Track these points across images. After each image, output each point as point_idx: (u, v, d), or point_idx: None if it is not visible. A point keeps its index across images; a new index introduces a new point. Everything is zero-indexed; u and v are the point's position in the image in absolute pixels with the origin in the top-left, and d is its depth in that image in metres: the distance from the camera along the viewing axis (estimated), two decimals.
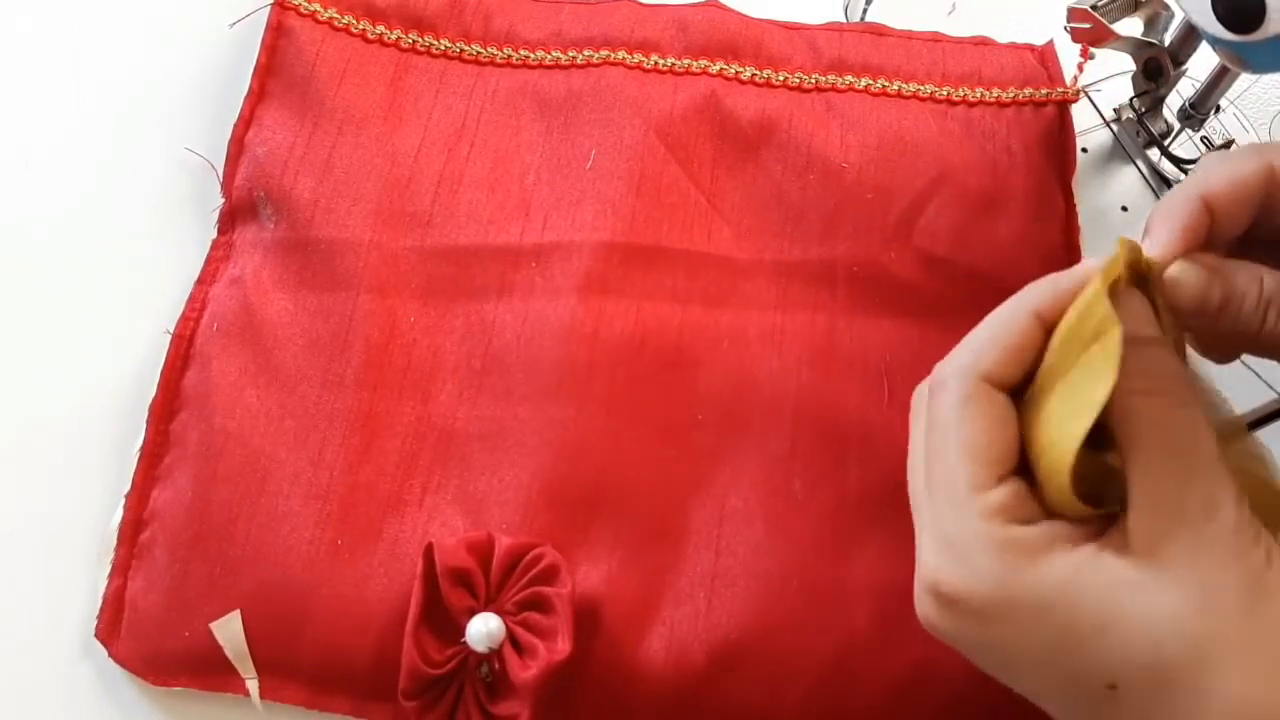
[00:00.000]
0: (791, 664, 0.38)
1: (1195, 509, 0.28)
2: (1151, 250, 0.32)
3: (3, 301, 0.45)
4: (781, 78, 0.47)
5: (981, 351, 0.31)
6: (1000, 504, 0.30)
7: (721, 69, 0.47)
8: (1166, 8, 0.45)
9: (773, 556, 0.39)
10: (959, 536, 0.29)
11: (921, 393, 0.33)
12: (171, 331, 0.43)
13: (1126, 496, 0.29)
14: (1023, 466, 0.31)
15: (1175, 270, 0.31)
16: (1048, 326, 0.31)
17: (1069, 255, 0.45)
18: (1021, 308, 0.31)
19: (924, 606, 0.31)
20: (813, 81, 0.47)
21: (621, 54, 0.47)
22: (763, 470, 0.41)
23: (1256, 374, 0.42)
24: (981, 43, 0.49)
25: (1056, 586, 0.28)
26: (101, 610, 0.39)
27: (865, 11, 0.51)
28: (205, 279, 0.44)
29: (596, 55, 0.47)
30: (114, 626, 0.39)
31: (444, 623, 0.37)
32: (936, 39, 0.49)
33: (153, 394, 0.42)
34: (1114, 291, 0.30)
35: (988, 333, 0.31)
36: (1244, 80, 0.49)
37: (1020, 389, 0.31)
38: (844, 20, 0.51)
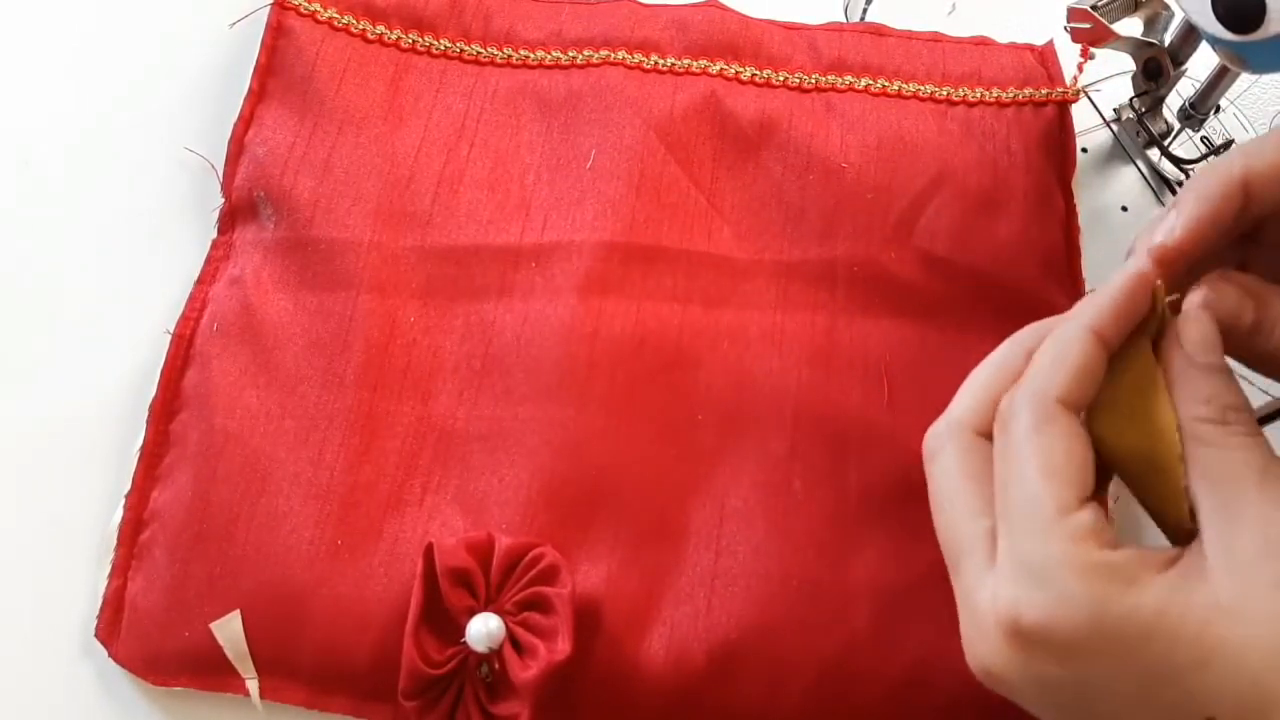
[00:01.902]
0: (791, 664, 0.38)
1: (1278, 541, 0.27)
2: (1176, 224, 0.31)
3: (2, 301, 0.45)
4: (781, 78, 0.47)
5: (1051, 376, 0.30)
6: (1090, 526, 0.28)
7: (721, 69, 0.47)
8: (1166, 8, 0.45)
9: (773, 556, 0.39)
10: (1046, 563, 0.28)
11: (939, 432, 0.32)
12: (171, 331, 0.43)
13: (1195, 518, 0.29)
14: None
15: (1207, 288, 0.31)
16: (1108, 343, 0.30)
17: (1069, 255, 0.45)
18: (1081, 327, 0.30)
19: (991, 652, 0.29)
20: (813, 82, 0.47)
21: (621, 54, 0.47)
22: (763, 470, 0.41)
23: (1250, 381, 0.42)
24: (981, 43, 0.49)
25: (1154, 615, 0.27)
26: (101, 610, 0.39)
27: (865, 11, 0.51)
28: (205, 279, 0.44)
29: (596, 55, 0.47)
30: (114, 627, 0.39)
31: (444, 623, 0.37)
32: (936, 39, 0.49)
33: (153, 394, 0.42)
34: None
35: (1052, 356, 0.30)
36: (1244, 80, 0.49)
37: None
38: (844, 20, 0.51)
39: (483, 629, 0.36)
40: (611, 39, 0.47)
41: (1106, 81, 0.48)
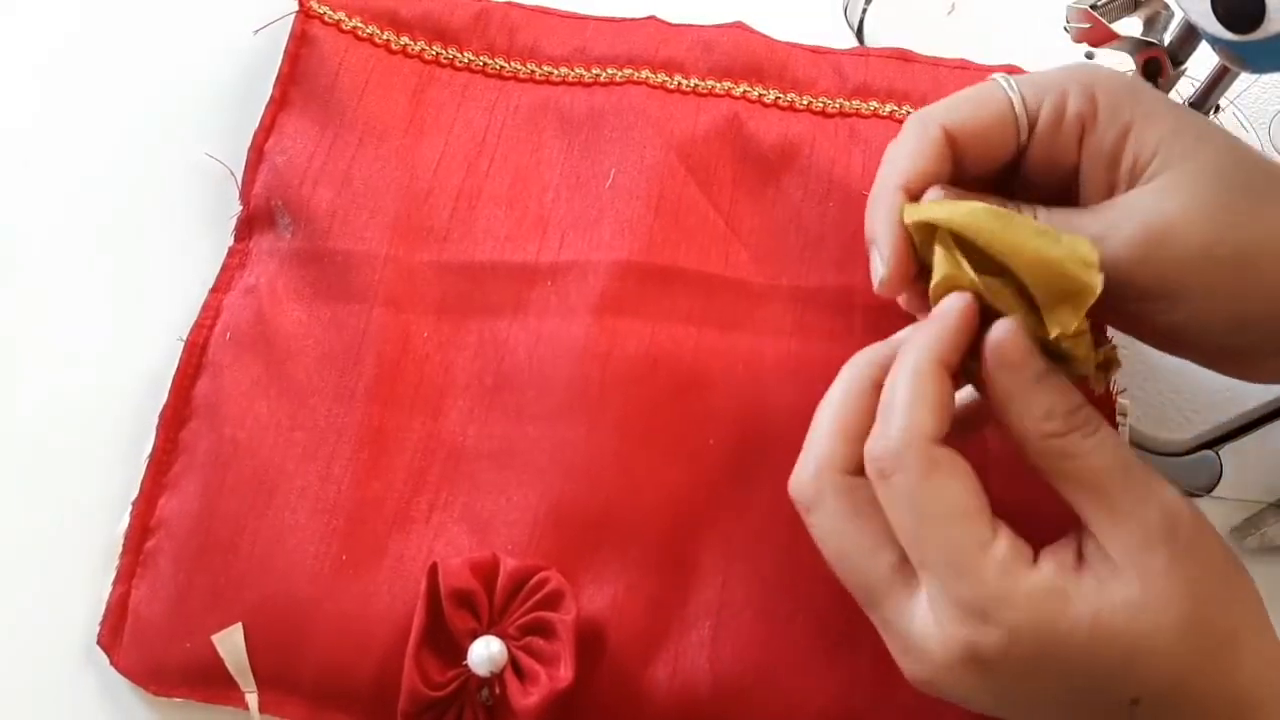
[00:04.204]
0: (794, 699, 0.37)
1: (1157, 522, 0.30)
2: (879, 265, 0.35)
3: (17, 303, 0.45)
4: (805, 102, 0.46)
5: (921, 417, 0.31)
6: (1011, 551, 0.30)
7: (745, 91, 0.46)
8: (1166, 8, 0.44)
9: (780, 588, 0.39)
10: (986, 603, 0.30)
11: (807, 480, 0.33)
12: (184, 339, 0.43)
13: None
14: None
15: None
16: (952, 370, 0.32)
17: None
18: (931, 361, 0.32)
19: (934, 672, 0.31)
20: (837, 106, 0.47)
21: (645, 73, 0.47)
22: (774, 498, 0.40)
23: None
24: (1010, 71, 0.48)
25: (1090, 624, 0.29)
26: (104, 618, 0.39)
27: (865, 11, 0.51)
28: (220, 287, 0.44)
29: (620, 74, 0.47)
30: (116, 635, 0.39)
31: (446, 644, 0.37)
32: (964, 66, 0.48)
33: (163, 401, 0.42)
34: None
35: (911, 395, 0.31)
36: (1244, 80, 0.49)
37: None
38: (844, 20, 0.51)
39: (485, 652, 0.36)
40: (635, 58, 0.47)
41: None
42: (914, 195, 0.35)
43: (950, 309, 0.32)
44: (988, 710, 0.32)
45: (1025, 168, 0.37)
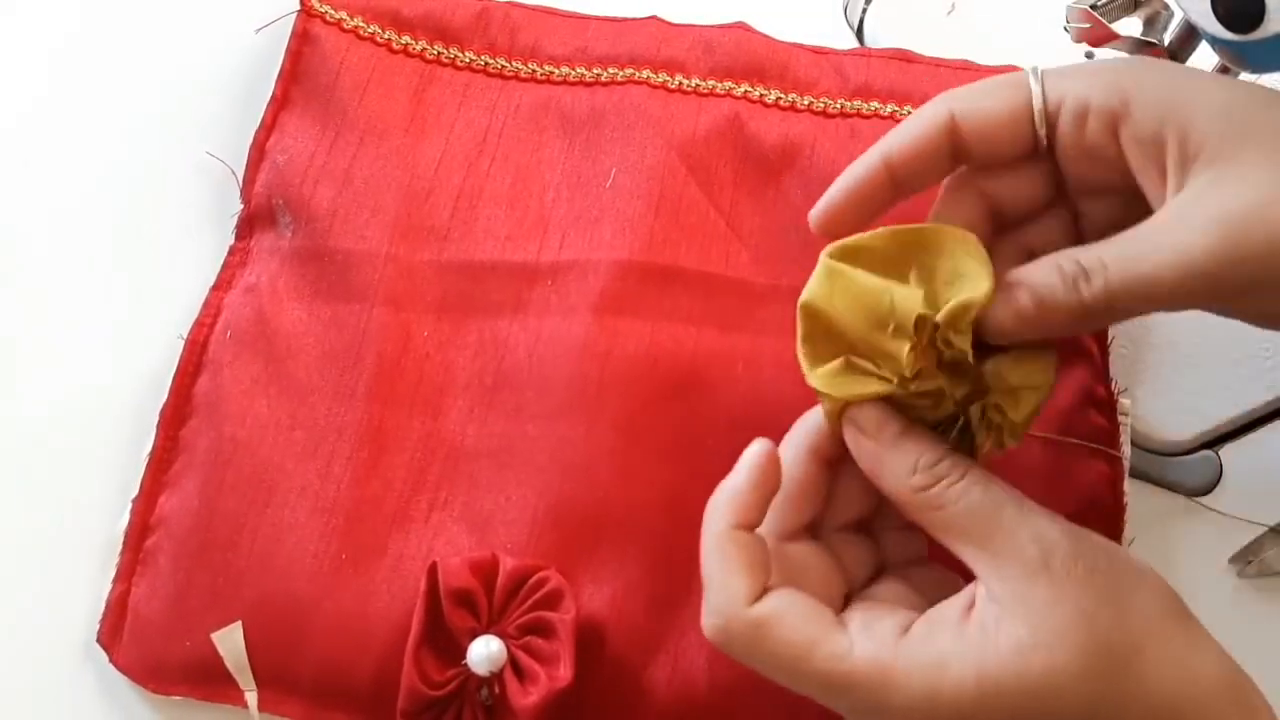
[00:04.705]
0: (794, 700, 0.37)
1: (1033, 554, 0.29)
2: (820, 210, 0.35)
3: (18, 301, 0.45)
4: (806, 102, 0.46)
5: (727, 587, 0.32)
6: (873, 646, 0.30)
7: (746, 91, 0.46)
8: (1166, 7, 0.44)
9: None
10: (870, 701, 0.30)
11: (720, 626, 0.32)
12: (185, 337, 0.43)
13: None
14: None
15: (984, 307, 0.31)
16: (754, 526, 0.33)
17: None
18: (725, 526, 0.32)
19: None
20: (838, 107, 0.46)
21: (646, 73, 0.46)
22: None
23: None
24: (1010, 70, 0.48)
25: (975, 686, 0.29)
26: (104, 616, 0.39)
27: (865, 11, 0.51)
28: (221, 285, 0.44)
29: (621, 73, 0.47)
30: (116, 632, 0.39)
31: (446, 643, 0.37)
32: (966, 67, 0.48)
33: (164, 399, 0.42)
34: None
35: (712, 569, 0.32)
36: None
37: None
38: (844, 19, 0.51)
39: (484, 651, 0.36)
40: (637, 57, 0.47)
41: None
42: (896, 171, 0.35)
43: (746, 461, 0.33)
44: None
45: (1065, 167, 0.35)
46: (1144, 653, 0.29)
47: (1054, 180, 0.35)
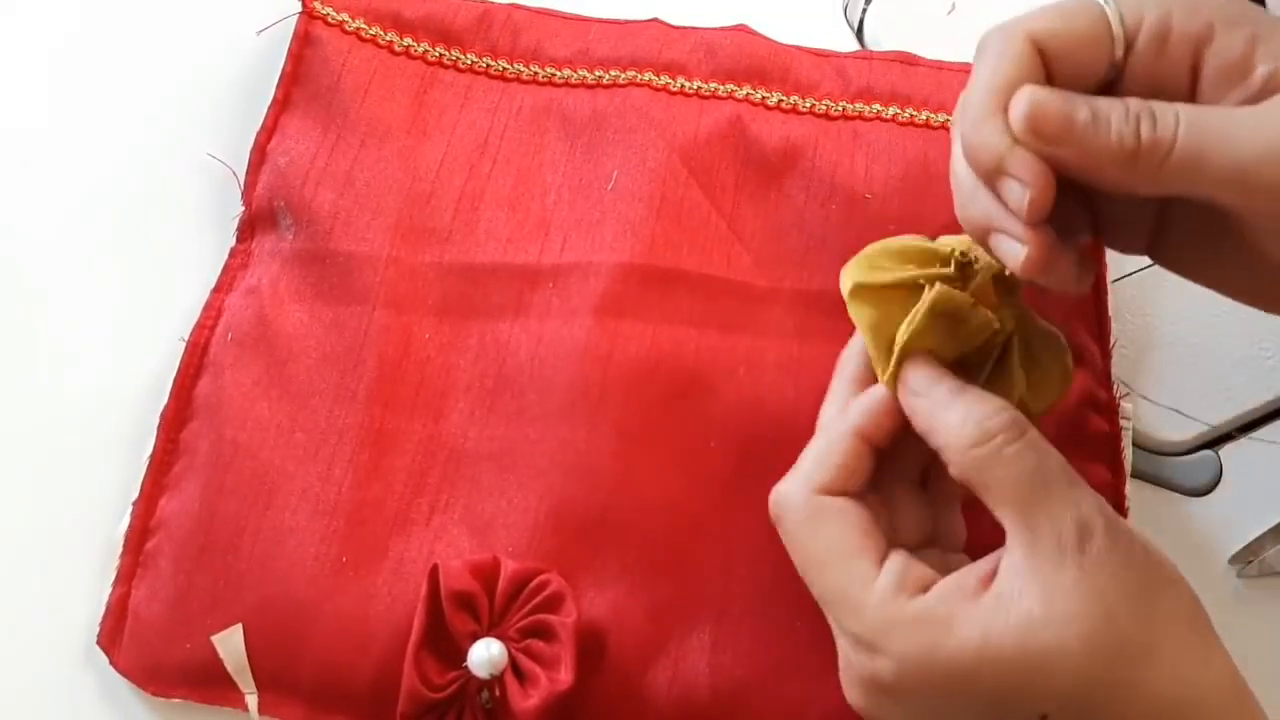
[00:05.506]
0: (795, 703, 0.37)
1: (1070, 535, 0.30)
2: (979, 95, 0.32)
3: (19, 303, 0.45)
4: (808, 104, 0.46)
5: (812, 471, 0.34)
6: (895, 583, 0.32)
7: (748, 94, 0.46)
8: None
9: (780, 591, 0.38)
10: (875, 636, 0.31)
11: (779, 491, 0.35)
12: (186, 339, 0.43)
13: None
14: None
15: (1028, 93, 0.30)
16: (870, 442, 0.34)
17: (1095, 288, 0.44)
18: (848, 428, 0.34)
19: (858, 697, 0.33)
20: (840, 109, 0.46)
21: (648, 75, 0.46)
22: None
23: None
24: None
25: (978, 647, 0.30)
26: (104, 618, 0.39)
27: (865, 11, 0.51)
28: (222, 287, 0.44)
29: (623, 75, 0.47)
30: (116, 635, 0.39)
31: (446, 646, 0.37)
32: (967, 69, 0.48)
33: (164, 401, 0.42)
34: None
35: (813, 454, 0.35)
36: None
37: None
38: (844, 19, 0.51)
39: (485, 654, 0.36)
40: (639, 59, 0.47)
41: None
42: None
43: (878, 395, 0.35)
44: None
45: (1123, 91, 0.32)
46: (1156, 654, 0.29)
47: None
